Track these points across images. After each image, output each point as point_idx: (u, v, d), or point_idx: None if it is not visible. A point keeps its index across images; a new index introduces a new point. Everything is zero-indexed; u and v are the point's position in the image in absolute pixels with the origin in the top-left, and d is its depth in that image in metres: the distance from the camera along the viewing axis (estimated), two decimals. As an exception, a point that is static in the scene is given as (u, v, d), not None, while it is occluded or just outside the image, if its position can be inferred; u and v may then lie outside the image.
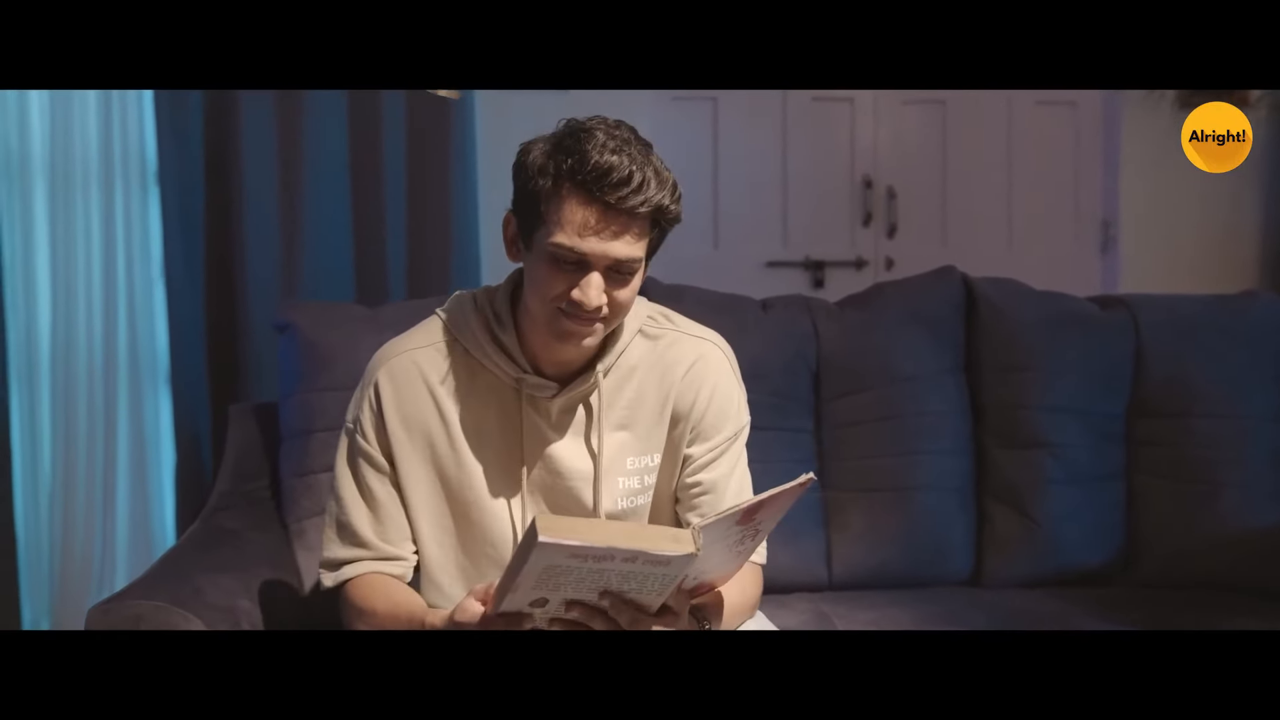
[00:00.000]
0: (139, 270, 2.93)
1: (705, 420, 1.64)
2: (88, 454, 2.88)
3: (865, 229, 3.49)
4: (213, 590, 1.60)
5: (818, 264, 3.44)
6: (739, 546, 1.41)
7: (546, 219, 1.44)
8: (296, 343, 2.06)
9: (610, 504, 1.61)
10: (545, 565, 1.24)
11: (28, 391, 2.87)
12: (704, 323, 2.15)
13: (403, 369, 1.57)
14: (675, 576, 1.30)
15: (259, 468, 2.05)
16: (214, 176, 2.92)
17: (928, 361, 2.26)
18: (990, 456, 2.29)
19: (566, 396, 1.58)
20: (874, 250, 3.49)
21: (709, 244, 3.46)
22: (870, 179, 3.48)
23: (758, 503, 1.34)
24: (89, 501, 2.89)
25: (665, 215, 1.48)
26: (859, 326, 2.27)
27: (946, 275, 2.35)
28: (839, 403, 2.25)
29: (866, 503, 2.22)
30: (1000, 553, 2.25)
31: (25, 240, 2.85)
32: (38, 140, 2.85)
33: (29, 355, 2.86)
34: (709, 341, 1.67)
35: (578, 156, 1.42)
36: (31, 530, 2.89)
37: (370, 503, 1.57)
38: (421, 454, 1.57)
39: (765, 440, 2.15)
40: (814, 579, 2.18)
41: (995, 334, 2.30)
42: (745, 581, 1.61)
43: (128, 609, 1.48)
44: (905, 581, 2.20)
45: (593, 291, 1.44)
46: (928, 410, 2.25)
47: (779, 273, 3.43)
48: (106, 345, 2.89)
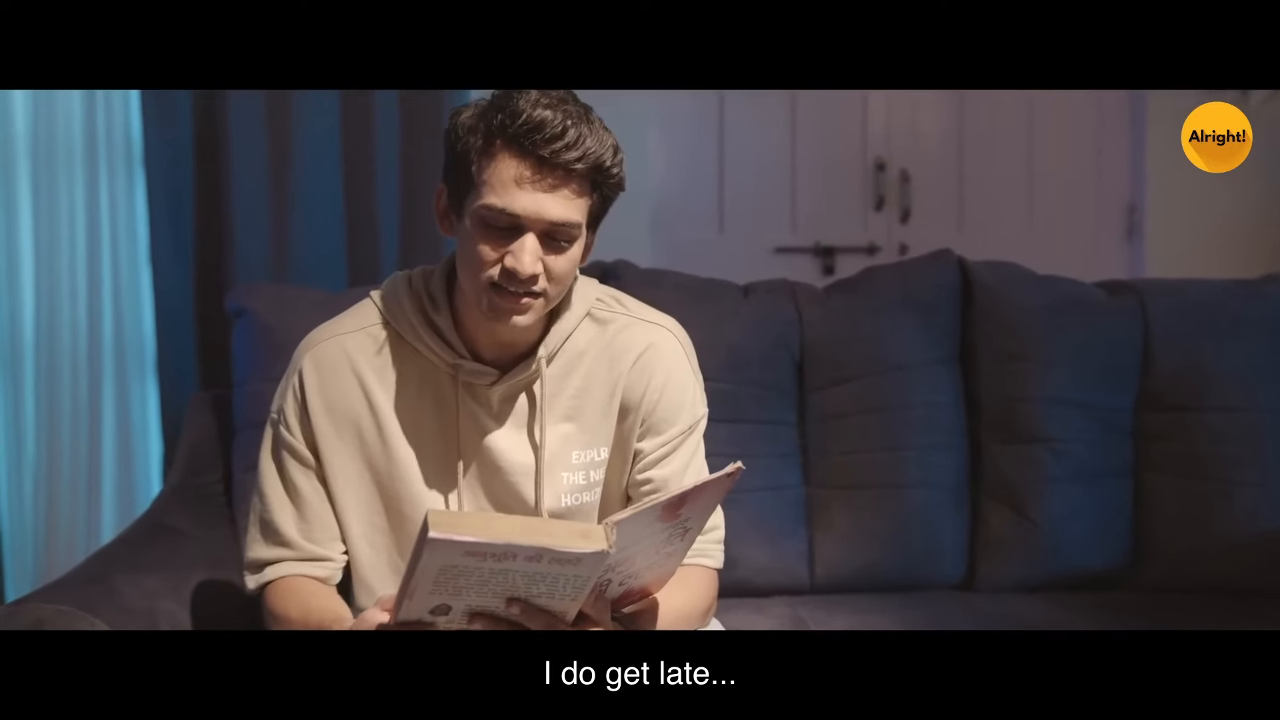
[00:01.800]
0: (124, 255, 2.87)
1: (656, 413, 1.53)
2: (72, 441, 2.84)
3: (878, 213, 3.36)
4: (131, 592, 1.52)
5: (828, 250, 3.30)
6: (667, 547, 1.30)
7: (476, 181, 1.35)
8: (251, 328, 1.98)
9: (553, 501, 1.51)
10: (441, 566, 1.14)
11: (12, 377, 2.82)
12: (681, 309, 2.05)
13: (329, 356, 1.48)
14: (588, 578, 1.20)
15: (212, 461, 1.98)
16: (202, 159, 2.86)
17: (919, 350, 2.13)
18: (986, 452, 2.16)
19: (508, 384, 1.48)
20: (887, 235, 3.35)
21: (714, 229, 3.34)
22: (883, 162, 3.34)
23: (680, 496, 1.24)
24: (73, 489, 2.84)
25: (606, 177, 1.38)
26: (845, 312, 2.15)
27: (941, 259, 2.22)
28: (824, 394, 2.13)
29: (852, 500, 2.09)
30: (996, 555, 2.12)
31: (8, 223, 2.80)
32: (21, 122, 2.80)
33: (13, 340, 2.82)
34: (662, 327, 1.56)
35: (508, 111, 1.33)
36: (16, 518, 2.85)
37: (295, 499, 1.48)
38: (350, 447, 1.47)
39: (745, 433, 2.06)
40: (794, 581, 2.07)
41: (992, 321, 2.16)
42: (692, 588, 1.50)
43: (29, 612, 1.40)
44: (893, 585, 2.08)
45: (526, 257, 1.34)
46: (918, 402, 2.12)
47: (788, 259, 3.30)
48: (91, 331, 2.84)
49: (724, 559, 1.88)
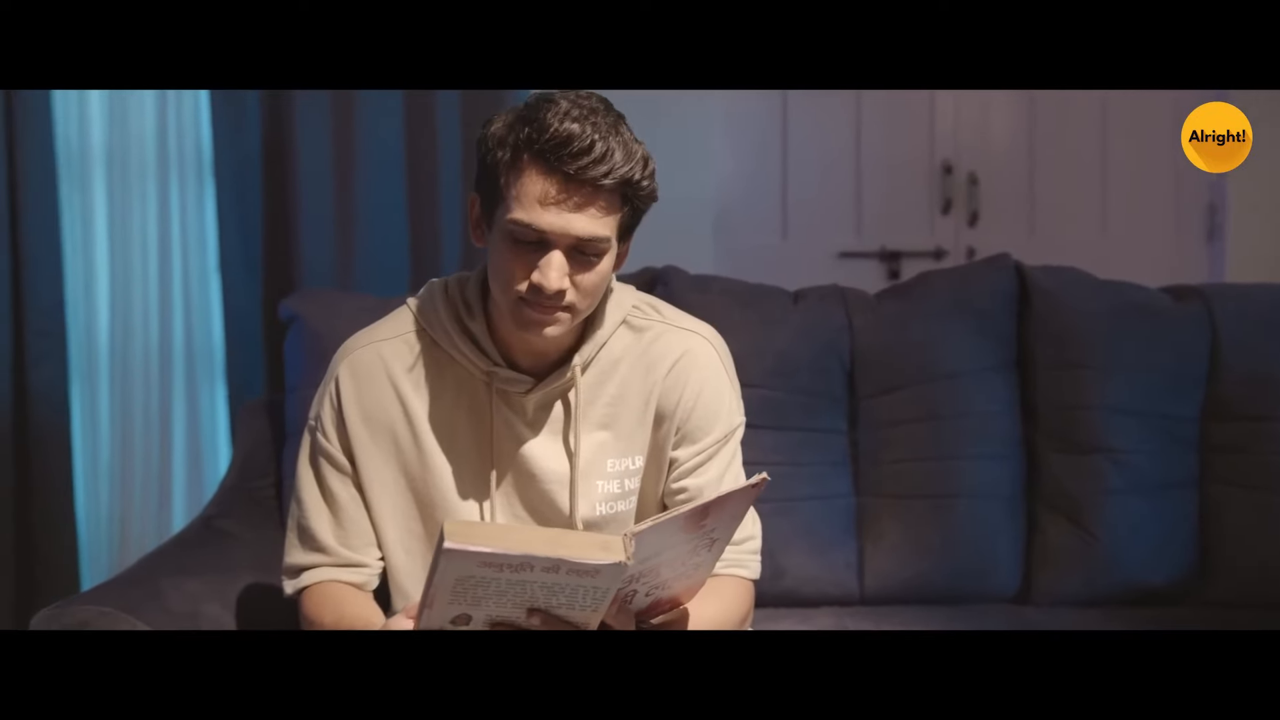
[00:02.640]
0: (194, 263, 2.93)
1: (691, 421, 1.51)
2: (144, 445, 2.90)
3: (945, 217, 3.30)
4: (175, 594, 1.55)
5: (894, 254, 3.26)
6: (694, 558, 1.29)
7: (505, 194, 1.35)
8: (302, 334, 2.01)
9: (588, 509, 1.50)
10: (458, 576, 1.14)
11: (88, 383, 2.90)
12: (729, 315, 2.05)
13: (365, 363, 1.49)
14: (607, 589, 1.19)
15: (265, 465, 2.01)
16: (270, 169, 2.91)
17: (973, 357, 2.09)
18: (1043, 462, 2.10)
19: (543, 392, 1.48)
20: (954, 239, 3.29)
21: (777, 234, 3.31)
22: (950, 164, 3.28)
23: (703, 508, 1.22)
24: (145, 491, 2.91)
25: (635, 191, 1.36)
26: (897, 319, 2.11)
27: (997, 263, 2.17)
28: (875, 401, 2.09)
29: (903, 510, 2.06)
30: (1053, 568, 2.06)
31: (85, 234, 2.88)
32: (97, 135, 2.88)
33: (89, 347, 2.89)
34: (697, 334, 1.54)
35: (536, 125, 1.32)
36: (92, 519, 2.92)
37: (332, 506, 1.49)
38: (386, 454, 1.48)
39: (793, 441, 2.04)
40: (843, 592, 2.03)
41: (1050, 327, 2.11)
42: (726, 598, 1.48)
43: (74, 614, 1.43)
44: (945, 597, 2.03)
45: (552, 273, 1.33)
46: (973, 410, 2.07)
47: (852, 264, 3.26)
48: (163, 338, 2.91)
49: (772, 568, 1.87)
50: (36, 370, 2.76)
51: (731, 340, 2.04)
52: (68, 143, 2.84)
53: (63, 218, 2.80)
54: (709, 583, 1.47)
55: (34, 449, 2.78)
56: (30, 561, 2.79)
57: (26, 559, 2.78)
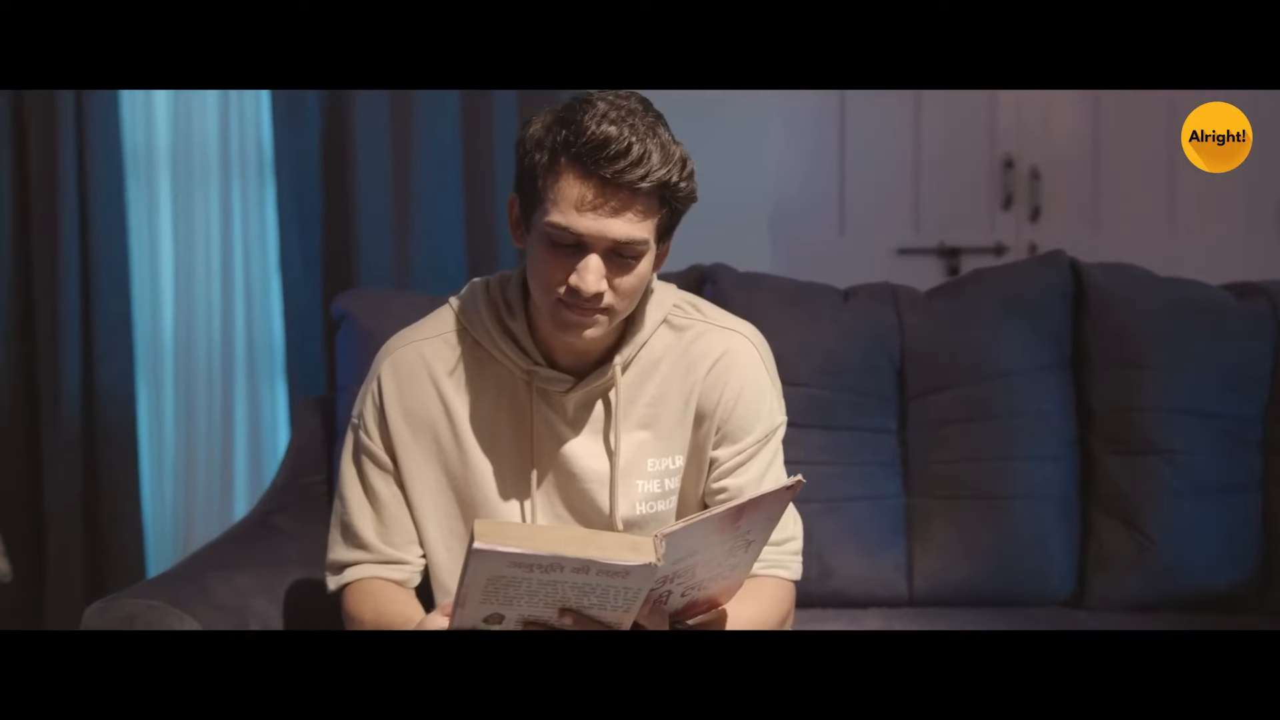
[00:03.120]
0: (255, 262, 2.98)
1: (732, 420, 1.51)
2: (207, 441, 2.96)
3: (1006, 212, 3.24)
4: (223, 589, 1.57)
5: (953, 250, 3.21)
6: (730, 559, 1.28)
7: (543, 197, 1.35)
8: (353, 333, 2.03)
9: (628, 508, 1.50)
10: (488, 576, 1.15)
11: (153, 380, 2.96)
12: (777, 313, 2.04)
13: (407, 361, 1.51)
14: (638, 590, 1.18)
15: (317, 462, 2.03)
16: (329, 169, 2.95)
17: (1026, 356, 2.05)
18: (1099, 463, 2.06)
19: (583, 391, 1.48)
20: (1015, 235, 3.23)
21: (834, 230, 3.27)
22: (1012, 158, 3.22)
23: (737, 509, 1.22)
24: (208, 486, 2.97)
25: (673, 193, 1.36)
26: (948, 317, 2.07)
27: (1051, 260, 2.13)
28: (925, 401, 2.06)
29: (954, 511, 2.02)
30: (1108, 572, 2.01)
31: (151, 233, 2.94)
32: (162, 136, 2.94)
33: (154, 344, 2.95)
34: (738, 333, 1.54)
35: (573, 127, 1.32)
36: (157, 514, 2.98)
37: (374, 503, 1.51)
38: (427, 452, 1.50)
39: (841, 441, 2.02)
40: (892, 593, 2.01)
41: (1107, 326, 2.06)
42: (765, 599, 1.48)
43: (123, 608, 1.46)
44: (996, 600, 2.00)
45: (590, 276, 1.33)
46: (1025, 410, 2.03)
47: (910, 260, 3.22)
48: (225, 335, 2.96)
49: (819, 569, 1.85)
50: (104, 366, 2.83)
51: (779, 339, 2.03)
52: (134, 144, 2.91)
53: (129, 217, 2.87)
54: (748, 583, 1.47)
55: (101, 445, 2.85)
56: (99, 556, 2.86)
57: (95, 554, 2.85)
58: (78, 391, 2.82)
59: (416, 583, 1.53)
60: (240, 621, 1.54)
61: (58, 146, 2.77)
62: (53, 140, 2.77)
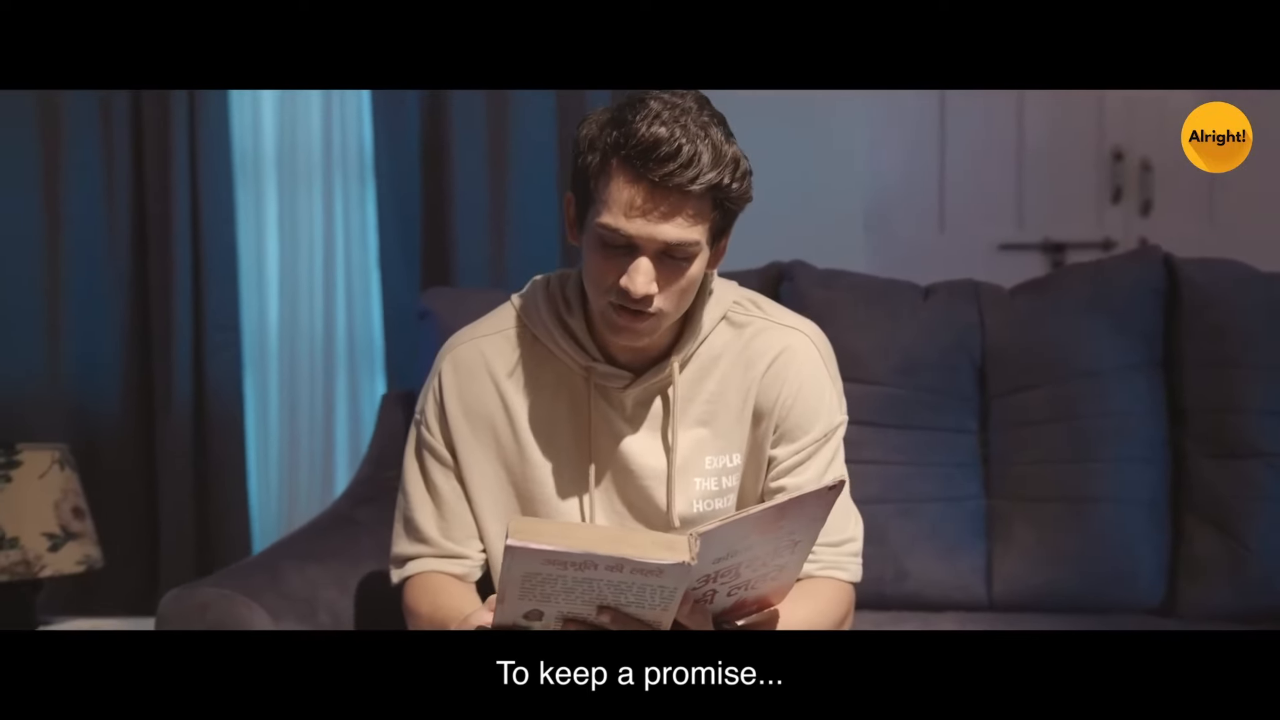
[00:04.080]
0: (356, 260, 3.06)
1: (790, 419, 1.49)
2: (309, 435, 3.05)
3: (1115, 206, 3.12)
4: (296, 579, 1.61)
5: (1058, 246, 3.11)
6: (776, 560, 1.27)
7: (595, 198, 1.35)
8: (433, 330, 2.07)
9: (685, 506, 1.50)
10: (524, 573, 1.16)
11: (259, 374, 3.06)
12: (855, 312, 2.01)
13: (467, 358, 1.53)
14: (674, 589, 1.18)
15: (398, 456, 2.06)
16: (428, 170, 3.01)
17: (1114, 355, 1.97)
18: (1192, 466, 1.97)
19: (642, 388, 1.48)
20: (1124, 230, 3.11)
21: (934, 226, 3.20)
22: (1121, 150, 3.11)
23: (777, 510, 1.20)
24: (310, 479, 3.06)
25: (726, 195, 1.34)
26: (1032, 315, 2.01)
27: (1143, 255, 2.05)
28: (1007, 401, 2.00)
29: (1036, 514, 1.96)
30: (1200, 580, 1.93)
31: (257, 234, 3.05)
32: (268, 138, 3.04)
33: (260, 341, 3.05)
34: (798, 331, 1.52)
35: (625, 129, 1.31)
36: (264, 505, 3.08)
37: (435, 498, 1.53)
38: (486, 448, 1.51)
39: (919, 440, 1.98)
40: (970, 597, 1.96)
41: (1201, 323, 1.97)
42: (821, 601, 1.45)
43: (196, 595, 1.52)
44: (1080, 606, 1.93)
45: (640, 278, 1.33)
46: (1113, 410, 1.96)
47: (1013, 257, 3.13)
48: (326, 331, 3.05)
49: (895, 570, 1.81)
50: (213, 362, 2.94)
51: (856, 337, 2.01)
52: (243, 146, 3.01)
53: (238, 219, 2.97)
54: (804, 584, 1.46)
55: (211, 437, 2.96)
56: (209, 544, 2.97)
57: (205, 542, 2.96)
58: (189, 386, 2.93)
59: (477, 577, 1.55)
60: (309, 612, 1.59)
61: (171, 150, 2.88)
62: (167, 144, 2.89)
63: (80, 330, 2.94)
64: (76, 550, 1.88)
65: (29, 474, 1.84)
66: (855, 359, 1.99)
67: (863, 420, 1.98)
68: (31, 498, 1.83)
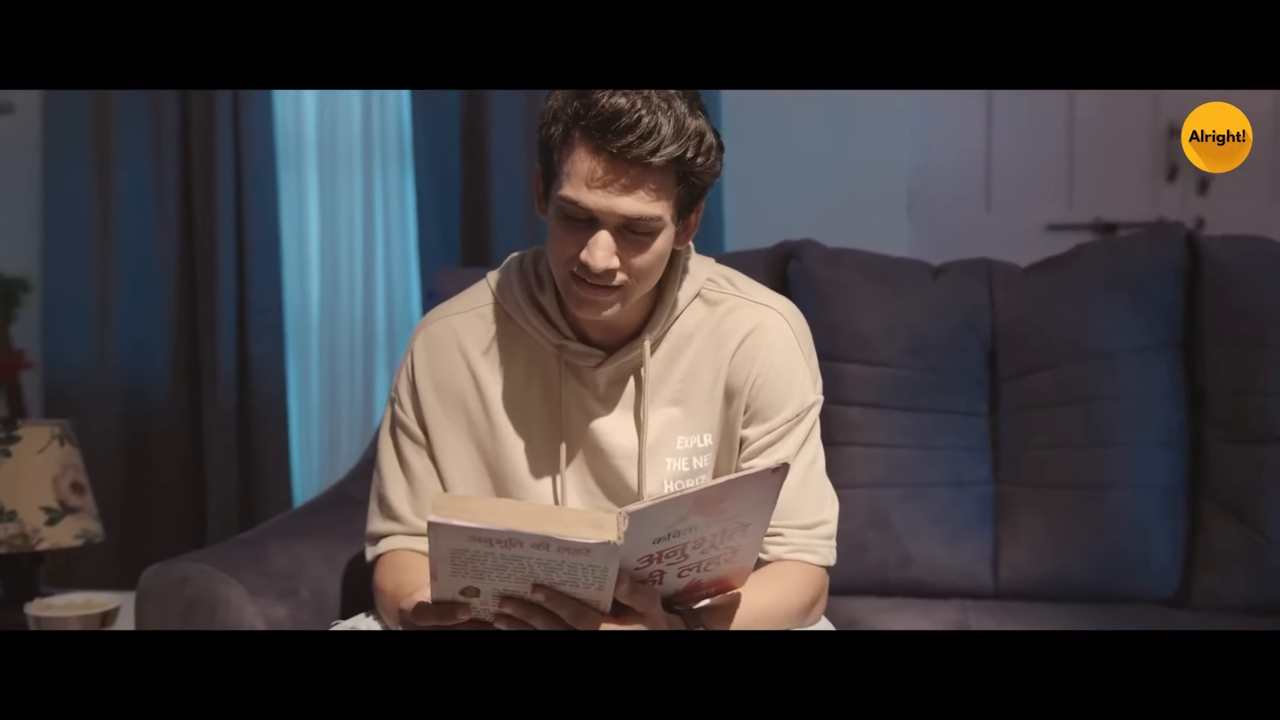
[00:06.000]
0: (396, 245, 3.10)
1: (761, 398, 1.46)
2: (349, 418, 3.10)
3: (1170, 184, 3.00)
4: (281, 556, 1.63)
5: (1109, 226, 2.99)
6: (728, 542, 1.24)
7: (558, 170, 1.34)
8: (439, 311, 2.06)
9: (656, 486, 1.48)
10: (451, 549, 1.15)
11: (301, 357, 3.12)
12: (863, 291, 1.97)
13: (439, 335, 1.52)
14: (605, 568, 1.16)
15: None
16: (466, 157, 3.02)
17: (1129, 335, 1.89)
18: (1211, 452, 1.88)
19: (614, 366, 1.46)
20: (1180, 209, 2.98)
21: (980, 206, 3.11)
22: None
23: (717, 490, 1.17)
24: (350, 458, 3.09)
25: (690, 169, 1.32)
26: (1044, 294, 1.94)
27: (1162, 232, 1.96)
28: (1018, 383, 1.94)
29: (1046, 500, 1.90)
30: (1217, 569, 1.85)
31: (299, 217, 3.10)
32: (310, 127, 3.09)
33: (301, 323, 3.11)
34: (771, 309, 1.48)
35: (585, 100, 1.29)
36: (306, 486, 3.14)
37: (408, 476, 1.53)
38: (458, 426, 1.51)
39: (925, 423, 1.94)
40: (975, 584, 1.90)
41: (1224, 303, 1.88)
42: (787, 585, 1.42)
43: (174, 570, 1.54)
44: (1090, 595, 1.86)
45: (599, 253, 1.31)
46: (1128, 393, 1.88)
47: (1062, 237, 3.01)
48: (366, 315, 3.09)
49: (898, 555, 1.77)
50: (258, 344, 3.01)
51: (863, 317, 1.97)
52: (285, 135, 3.07)
53: (280, 203, 3.02)
54: (772, 567, 1.43)
55: (255, 417, 3.03)
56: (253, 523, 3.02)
57: (250, 521, 3.02)
58: (233, 368, 3.00)
59: (449, 554, 1.55)
60: (290, 589, 1.60)
61: (216, 138, 2.95)
62: (212, 133, 2.95)
63: (130, 315, 3.03)
64: (74, 524, 1.93)
65: (28, 449, 1.90)
66: (862, 339, 1.95)
67: (868, 402, 1.94)
68: (30, 472, 1.89)
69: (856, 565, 1.87)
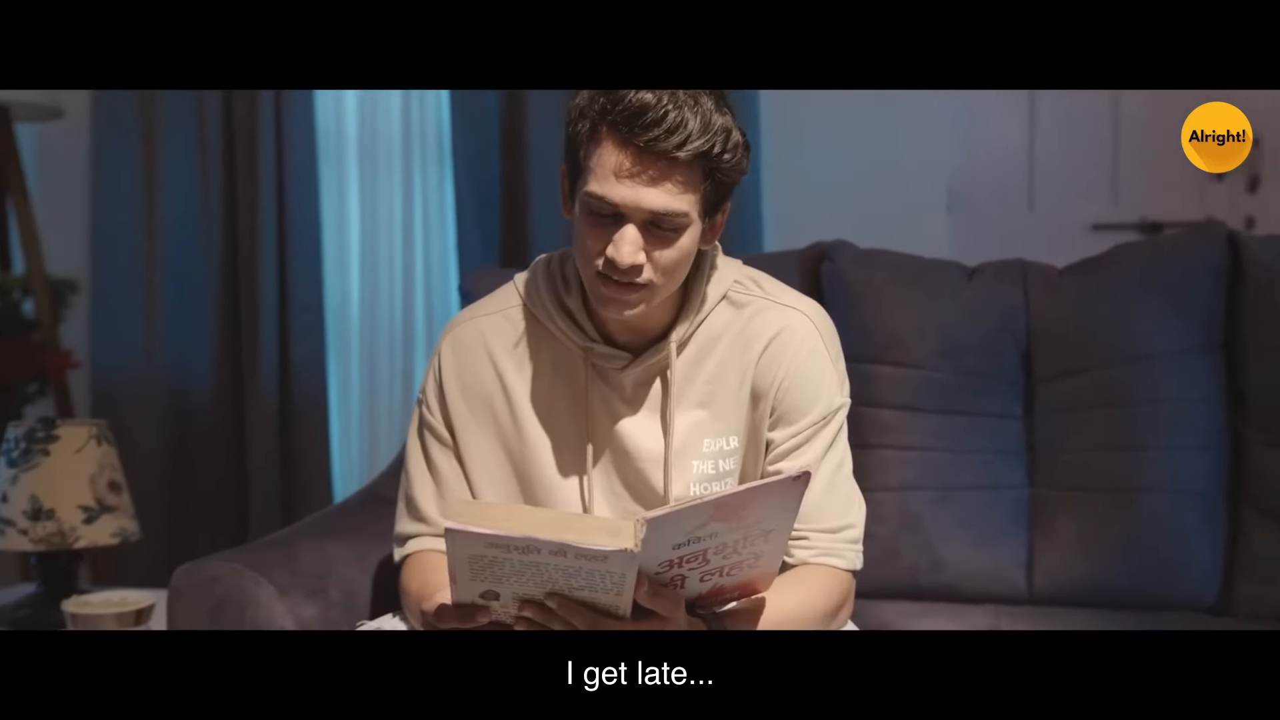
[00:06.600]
0: (435, 244, 3.12)
1: (787, 401, 1.45)
2: (389, 417, 3.13)
3: (1217, 183, 2.94)
4: (311, 555, 1.64)
5: (1155, 225, 2.94)
6: (750, 548, 1.23)
7: (585, 166, 1.34)
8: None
9: (682, 489, 1.47)
10: (469, 555, 1.15)
11: (341, 356, 3.15)
12: (894, 292, 1.95)
13: (466, 337, 1.53)
14: (623, 574, 1.16)
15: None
16: (505, 157, 3.04)
17: (1168, 338, 1.85)
18: (1252, 456, 1.84)
19: (641, 368, 1.46)
20: (1229, 208, 2.93)
21: (1023, 205, 3.07)
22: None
23: (737, 498, 1.16)
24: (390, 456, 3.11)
25: (717, 165, 1.32)
26: (1081, 295, 1.91)
27: (1205, 232, 1.91)
28: (1054, 385, 1.90)
29: (1082, 504, 1.86)
30: (1258, 576, 1.81)
31: (340, 215, 3.13)
32: (351, 127, 3.12)
33: (341, 323, 3.14)
34: (798, 311, 1.47)
35: (613, 95, 1.30)
36: (346, 484, 3.17)
37: (435, 477, 1.53)
38: (485, 428, 1.51)
39: (959, 426, 1.91)
40: (1009, 590, 1.87)
41: (1267, 304, 1.84)
42: (812, 589, 1.41)
43: (205, 569, 1.56)
44: (1127, 602, 1.82)
45: (625, 248, 1.31)
46: (1166, 396, 1.84)
47: (1107, 237, 2.97)
48: (405, 313, 3.12)
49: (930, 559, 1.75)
50: (299, 345, 3.04)
51: (895, 318, 1.95)
52: (326, 135, 3.09)
53: (321, 201, 3.05)
54: (798, 571, 1.42)
55: (297, 417, 3.06)
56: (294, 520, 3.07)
57: (290, 519, 3.05)
58: (275, 368, 3.03)
59: (476, 555, 1.55)
60: (319, 588, 1.61)
61: (259, 137, 2.98)
62: (255, 132, 2.99)
63: (175, 315, 3.07)
64: (111, 523, 1.96)
65: (65, 449, 1.93)
66: (894, 341, 1.93)
67: (900, 404, 1.92)
68: (68, 471, 1.92)
69: (888, 569, 1.86)
